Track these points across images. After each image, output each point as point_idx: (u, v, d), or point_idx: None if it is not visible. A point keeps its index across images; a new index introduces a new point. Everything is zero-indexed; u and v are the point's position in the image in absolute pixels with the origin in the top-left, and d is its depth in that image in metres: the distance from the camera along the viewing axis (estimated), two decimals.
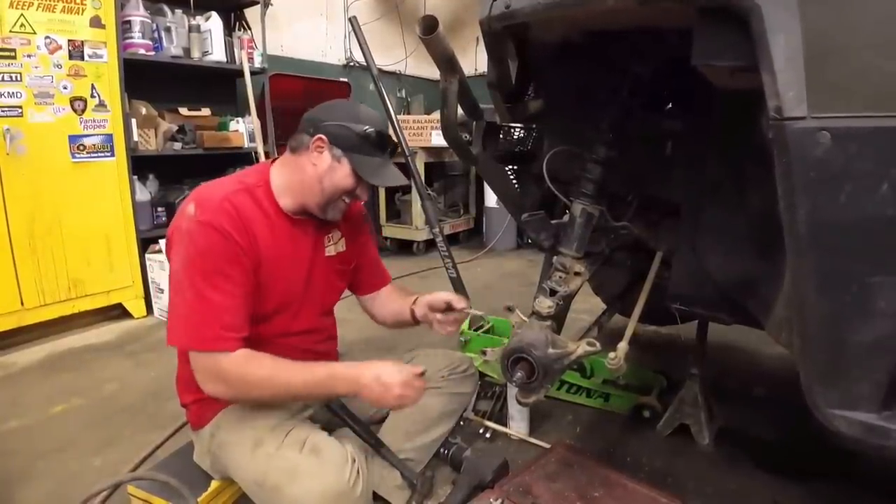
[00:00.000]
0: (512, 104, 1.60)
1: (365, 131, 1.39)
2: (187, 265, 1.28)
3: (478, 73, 5.28)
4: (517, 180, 1.95)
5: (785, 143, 0.87)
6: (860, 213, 0.86)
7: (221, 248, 1.29)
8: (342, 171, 1.40)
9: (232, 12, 4.00)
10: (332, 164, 1.40)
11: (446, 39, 1.26)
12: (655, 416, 2.02)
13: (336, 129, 1.39)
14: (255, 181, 1.43)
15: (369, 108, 1.49)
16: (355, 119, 1.40)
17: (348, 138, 1.39)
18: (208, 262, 1.28)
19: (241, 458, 1.36)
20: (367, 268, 1.74)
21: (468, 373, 1.75)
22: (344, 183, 1.41)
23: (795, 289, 0.98)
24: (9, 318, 2.76)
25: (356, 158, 1.39)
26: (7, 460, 1.85)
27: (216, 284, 1.28)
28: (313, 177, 1.40)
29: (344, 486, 1.27)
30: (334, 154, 1.39)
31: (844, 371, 0.96)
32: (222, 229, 1.29)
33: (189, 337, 1.29)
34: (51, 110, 2.79)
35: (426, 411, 1.62)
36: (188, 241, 1.29)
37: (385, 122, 1.50)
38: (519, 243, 5.28)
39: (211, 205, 1.31)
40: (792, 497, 1.66)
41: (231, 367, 1.28)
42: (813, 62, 0.85)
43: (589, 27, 1.43)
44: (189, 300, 1.28)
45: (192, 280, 1.27)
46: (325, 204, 1.44)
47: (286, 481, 1.26)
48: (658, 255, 1.71)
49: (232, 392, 1.32)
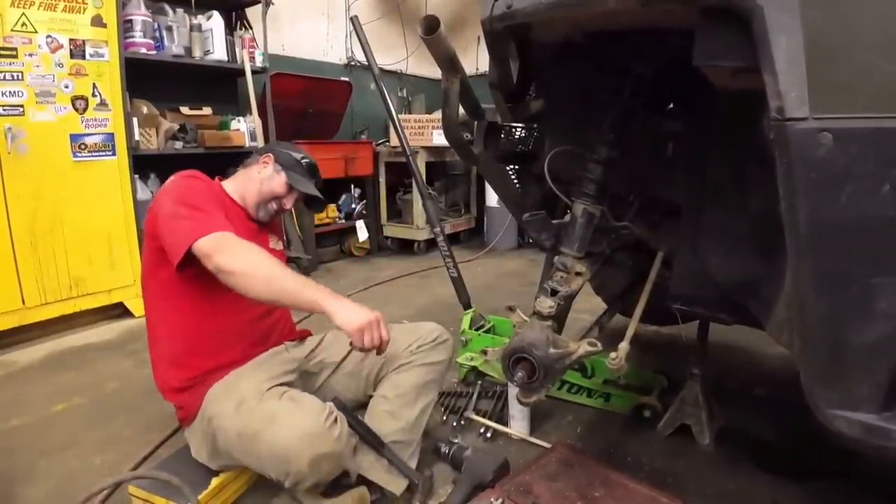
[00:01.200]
0: (513, 104, 1.60)
1: (301, 159, 1.77)
2: (175, 199, 1.47)
3: (479, 72, 5.27)
4: (518, 180, 1.95)
5: (786, 144, 0.87)
6: (861, 214, 0.86)
7: (203, 189, 1.56)
8: (279, 180, 1.72)
9: (233, 11, 4.01)
10: (272, 174, 1.72)
11: (448, 39, 1.26)
12: (656, 417, 2.02)
13: (280, 153, 1.76)
14: (216, 183, 1.72)
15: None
16: (294, 152, 1.79)
17: (288, 160, 1.76)
18: (195, 193, 1.51)
19: (226, 419, 1.42)
20: None
21: (439, 341, 1.73)
22: (278, 189, 1.72)
23: (796, 289, 0.98)
24: (10, 317, 2.76)
25: (291, 174, 1.73)
26: (9, 459, 1.86)
27: (203, 207, 1.48)
28: (256, 180, 1.72)
29: (320, 428, 1.32)
30: (276, 168, 1.73)
31: (845, 372, 0.95)
32: (201, 177, 1.62)
33: (191, 235, 1.40)
34: (52, 109, 2.80)
35: (400, 387, 1.66)
36: (174, 188, 1.52)
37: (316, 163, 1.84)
38: (520, 243, 5.28)
39: (189, 172, 1.60)
40: (792, 497, 1.66)
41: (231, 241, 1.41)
42: (814, 63, 0.85)
43: (590, 27, 1.43)
44: (185, 217, 1.43)
45: (184, 204, 1.46)
46: (259, 203, 1.72)
47: (264, 426, 1.33)
48: (659, 256, 1.71)
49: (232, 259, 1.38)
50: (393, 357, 1.68)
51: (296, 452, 1.30)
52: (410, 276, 4.31)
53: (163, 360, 1.61)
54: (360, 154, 4.78)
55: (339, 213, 4.92)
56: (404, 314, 1.91)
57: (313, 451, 1.30)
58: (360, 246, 5.05)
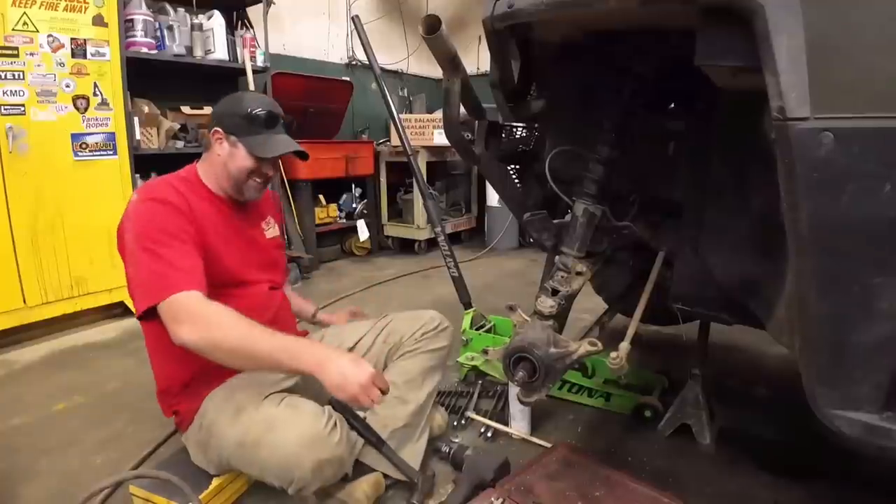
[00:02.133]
0: (514, 103, 1.60)
1: (249, 113, 1.52)
2: (136, 237, 1.35)
3: (480, 72, 5.27)
4: (519, 180, 1.95)
5: (788, 144, 0.87)
6: (863, 214, 0.86)
7: (165, 216, 1.38)
8: (240, 154, 1.52)
9: (234, 11, 4.00)
10: (231, 151, 1.53)
11: (449, 39, 1.26)
12: (657, 416, 2.01)
13: (226, 119, 1.54)
14: (186, 176, 1.57)
15: (257, 94, 1.73)
16: (239, 106, 1.54)
17: (237, 124, 1.52)
18: (156, 228, 1.36)
19: (225, 428, 1.40)
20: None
21: (440, 328, 1.80)
22: (245, 164, 1.53)
23: (797, 289, 0.98)
24: (11, 316, 2.77)
25: (248, 141, 1.52)
26: (10, 457, 1.86)
27: (167, 244, 1.34)
28: (220, 164, 1.54)
29: (320, 432, 1.31)
30: (230, 141, 1.53)
31: (846, 372, 0.96)
32: (163, 200, 1.40)
33: (149, 292, 1.30)
34: (53, 109, 2.80)
35: (406, 374, 1.70)
36: (134, 218, 1.38)
37: (272, 102, 1.60)
38: (521, 243, 5.28)
39: (153, 187, 1.47)
40: (793, 497, 1.66)
41: (194, 307, 1.28)
42: (816, 63, 0.85)
43: (591, 27, 1.43)
44: (143, 262, 1.32)
45: (143, 245, 1.33)
46: (238, 185, 1.56)
47: (263, 432, 1.32)
48: (660, 255, 1.71)
49: (197, 332, 1.26)
50: (398, 345, 1.75)
51: (297, 458, 1.29)
52: (411, 275, 4.31)
53: (161, 359, 1.59)
54: (361, 153, 4.78)
55: (339, 213, 4.92)
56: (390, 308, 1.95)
57: (315, 457, 1.29)
58: (361, 245, 5.05)
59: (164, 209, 1.39)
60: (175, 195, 1.43)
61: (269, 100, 1.62)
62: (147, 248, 1.32)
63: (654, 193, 1.66)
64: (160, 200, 1.39)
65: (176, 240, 1.35)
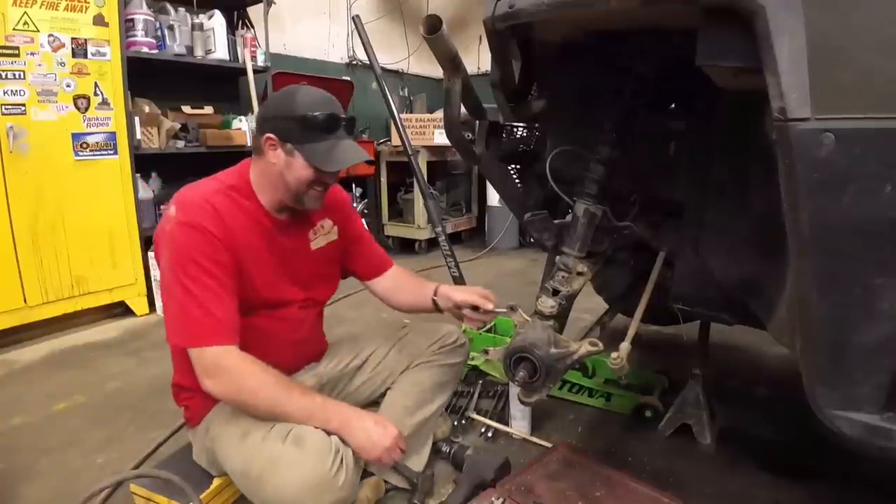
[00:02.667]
0: (515, 103, 1.60)
1: (304, 117, 1.37)
2: (173, 265, 1.32)
3: (481, 71, 5.27)
4: (520, 180, 1.95)
5: (788, 145, 0.87)
6: (863, 215, 0.86)
7: (202, 246, 1.32)
8: (298, 164, 1.39)
9: (235, 11, 4.00)
10: (287, 160, 1.40)
11: (450, 39, 1.26)
12: (657, 416, 2.01)
13: (279, 123, 1.38)
14: (236, 181, 1.46)
15: (312, 89, 1.45)
16: (292, 107, 1.38)
17: (291, 130, 1.37)
18: (192, 260, 1.31)
19: (229, 449, 1.38)
20: (363, 254, 1.76)
21: (458, 343, 1.77)
22: (304, 175, 1.40)
23: (798, 290, 0.98)
24: (12, 316, 2.77)
25: (306, 149, 1.38)
26: (10, 457, 1.86)
27: (201, 280, 1.30)
28: (277, 174, 1.42)
29: (325, 476, 1.27)
30: (286, 149, 1.39)
31: (846, 372, 0.96)
32: (201, 227, 1.32)
33: (182, 335, 1.32)
34: (54, 108, 2.80)
35: (421, 385, 1.68)
36: (170, 242, 1.33)
37: (329, 99, 1.43)
38: (521, 243, 5.28)
39: (192, 206, 1.35)
40: (793, 498, 1.66)
41: (225, 364, 1.30)
42: (817, 63, 0.85)
43: (592, 27, 1.43)
44: (178, 299, 1.31)
45: (179, 279, 1.30)
46: (298, 196, 1.44)
47: (268, 471, 1.28)
48: (661, 255, 1.71)
49: (226, 390, 1.32)
50: (415, 355, 1.73)
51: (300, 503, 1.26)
52: None
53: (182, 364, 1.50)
54: None
55: None
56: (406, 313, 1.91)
57: (319, 502, 1.27)
58: None
59: (201, 238, 1.32)
60: (212, 219, 1.34)
61: (327, 96, 1.44)
62: (182, 283, 1.30)
63: (654, 193, 1.66)
64: (197, 227, 1.32)
65: (212, 278, 1.32)
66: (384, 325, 1.86)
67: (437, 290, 1.70)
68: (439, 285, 1.71)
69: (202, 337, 1.30)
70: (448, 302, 1.67)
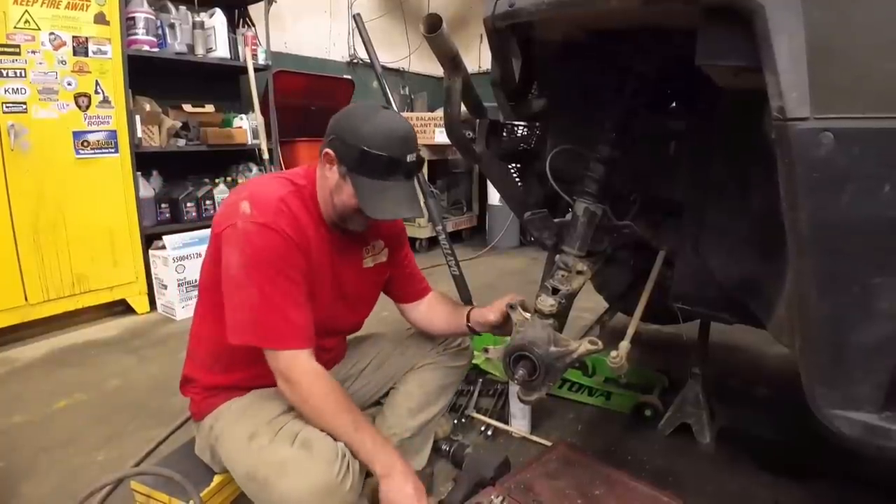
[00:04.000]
0: (515, 102, 1.60)
1: (364, 151, 1.27)
2: (248, 265, 1.26)
3: (481, 70, 5.27)
4: (520, 178, 1.95)
5: (788, 144, 0.87)
6: (862, 214, 0.86)
7: (282, 251, 1.27)
8: (347, 191, 1.32)
9: (236, 9, 4.01)
10: (338, 182, 1.33)
11: (450, 37, 1.25)
12: (657, 416, 2.02)
13: (343, 144, 1.30)
14: (305, 184, 1.40)
15: (391, 116, 1.34)
16: (358, 134, 1.29)
17: (351, 157, 1.29)
18: (270, 263, 1.26)
19: (235, 450, 1.36)
20: (405, 279, 1.71)
21: (462, 346, 1.76)
22: (350, 202, 1.33)
23: (797, 289, 0.98)
24: (13, 314, 2.77)
25: (358, 180, 1.30)
26: (11, 455, 1.86)
27: (279, 285, 1.27)
28: (327, 190, 1.36)
29: (332, 482, 1.25)
30: (340, 171, 1.32)
31: (846, 372, 0.96)
32: (282, 231, 1.27)
33: (260, 336, 1.29)
34: (55, 106, 2.80)
35: (425, 386, 1.67)
36: (246, 241, 1.26)
37: (402, 137, 1.31)
38: (522, 241, 5.28)
39: (268, 206, 1.29)
40: (793, 497, 1.66)
41: (297, 373, 1.29)
42: (816, 63, 0.85)
43: (593, 26, 1.43)
44: (255, 300, 1.27)
45: (255, 280, 1.26)
46: (342, 217, 1.38)
47: (275, 476, 1.26)
48: (661, 255, 1.71)
49: (291, 398, 1.32)
50: (419, 357, 1.71)
51: None
52: None
53: (199, 357, 1.51)
54: None
55: None
56: None
57: None
58: None
59: (280, 242, 1.27)
60: (290, 223, 1.29)
61: (401, 133, 1.32)
62: (258, 285, 1.26)
63: (654, 193, 1.66)
64: (276, 230, 1.26)
65: (290, 281, 1.29)
66: (386, 326, 1.85)
67: (470, 315, 1.64)
68: (471, 309, 1.65)
69: (277, 339, 1.28)
70: (484, 326, 1.61)
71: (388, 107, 1.38)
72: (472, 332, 1.66)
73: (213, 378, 1.47)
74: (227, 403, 1.45)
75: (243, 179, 3.93)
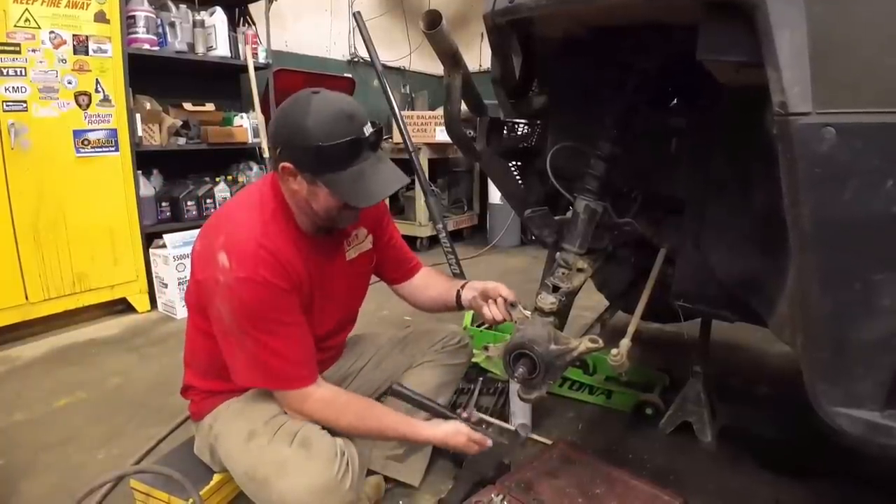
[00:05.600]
0: (516, 100, 1.60)
1: (319, 148, 1.17)
2: (238, 319, 1.25)
3: (482, 69, 5.26)
4: (521, 176, 1.94)
5: (790, 139, 0.86)
6: (865, 210, 0.85)
7: (270, 300, 1.24)
8: (322, 194, 1.25)
9: (236, 7, 4.00)
10: (310, 189, 1.25)
11: (450, 34, 1.25)
12: (658, 414, 2.01)
13: (293, 153, 1.22)
14: (276, 205, 1.33)
15: (324, 101, 1.21)
16: (304, 135, 1.18)
17: (310, 159, 1.20)
18: (259, 315, 1.24)
19: (234, 449, 1.36)
20: (393, 261, 1.69)
21: (461, 343, 1.77)
22: (331, 204, 1.26)
23: (799, 286, 0.97)
24: (13, 312, 2.77)
25: (329, 179, 1.21)
26: (11, 453, 1.86)
27: (274, 331, 1.27)
28: (303, 200, 1.29)
29: (331, 481, 1.25)
30: (307, 179, 1.23)
31: (848, 369, 0.95)
32: (266, 282, 1.22)
33: (268, 380, 1.34)
34: (55, 105, 2.80)
35: (424, 385, 1.66)
36: (230, 296, 1.23)
37: (347, 114, 1.21)
38: (523, 240, 5.27)
39: (246, 256, 1.23)
40: (794, 496, 1.65)
41: (308, 408, 1.34)
42: (818, 58, 0.84)
43: (593, 22, 1.42)
44: (250, 350, 1.28)
45: (248, 333, 1.26)
46: (330, 219, 1.33)
47: (274, 475, 1.26)
48: (662, 252, 1.71)
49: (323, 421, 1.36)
50: (418, 355, 1.72)
51: None
52: None
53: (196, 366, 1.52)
54: None
55: None
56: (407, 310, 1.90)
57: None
58: None
59: (269, 293, 1.23)
60: (274, 268, 1.24)
61: (344, 110, 1.22)
62: (253, 337, 1.25)
63: (655, 190, 1.65)
64: (262, 283, 1.21)
65: (285, 326, 1.28)
66: (386, 325, 1.85)
67: (465, 285, 1.63)
68: (467, 281, 1.65)
69: (284, 382, 1.32)
70: (472, 292, 1.59)
71: (316, 90, 1.25)
72: (457, 303, 1.64)
73: (212, 384, 1.48)
74: (225, 403, 1.45)
75: (244, 178, 3.93)
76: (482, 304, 1.56)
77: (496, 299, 1.54)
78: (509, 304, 1.49)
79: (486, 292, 1.56)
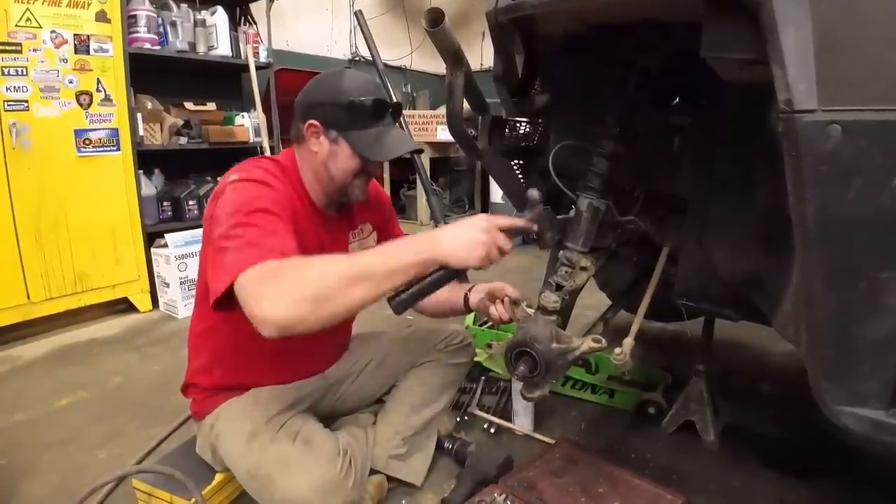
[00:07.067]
0: (518, 98, 1.59)
1: (351, 103, 1.29)
2: (237, 212, 1.13)
3: (484, 68, 5.26)
4: (523, 175, 1.94)
5: (795, 137, 0.86)
6: (870, 208, 0.85)
7: (265, 196, 1.19)
8: (343, 154, 1.33)
9: (237, 7, 4.00)
10: (331, 149, 1.33)
11: (452, 32, 1.25)
12: (660, 413, 2.01)
13: (323, 109, 1.32)
14: (288, 164, 1.38)
15: (357, 72, 1.38)
16: (338, 92, 1.31)
17: (337, 117, 1.31)
18: (253, 205, 1.15)
19: (236, 448, 1.36)
20: None
21: (464, 343, 1.76)
22: (349, 165, 1.34)
23: (804, 284, 0.97)
24: (15, 312, 2.77)
25: (352, 136, 1.31)
26: (13, 453, 1.86)
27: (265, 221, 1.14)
28: (320, 165, 1.35)
29: (334, 478, 1.26)
30: (330, 137, 1.32)
31: (853, 367, 0.95)
32: (264, 181, 1.23)
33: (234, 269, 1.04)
34: (56, 104, 2.80)
35: (426, 384, 1.67)
36: (229, 196, 1.18)
37: (376, 83, 1.38)
38: (524, 239, 5.26)
39: (254, 170, 1.26)
40: (798, 495, 1.65)
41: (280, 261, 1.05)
42: (823, 55, 0.84)
43: (596, 20, 1.42)
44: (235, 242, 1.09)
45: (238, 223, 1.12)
46: (342, 188, 1.38)
47: (277, 473, 1.26)
48: (664, 251, 1.70)
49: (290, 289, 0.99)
50: (420, 354, 1.71)
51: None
52: None
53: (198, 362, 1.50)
54: None
55: None
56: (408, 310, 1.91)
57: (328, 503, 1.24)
58: None
59: (264, 189, 1.20)
60: (274, 180, 1.25)
61: (372, 81, 1.38)
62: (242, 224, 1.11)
63: (658, 188, 1.65)
64: (259, 181, 1.21)
65: (272, 215, 1.15)
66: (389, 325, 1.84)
67: (473, 287, 1.60)
68: (474, 284, 1.61)
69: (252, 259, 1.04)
70: (480, 293, 1.55)
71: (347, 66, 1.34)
72: (465, 308, 1.60)
73: (214, 381, 1.47)
74: (227, 403, 1.45)
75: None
76: (489, 305, 1.55)
77: (502, 299, 1.53)
78: (512, 301, 1.48)
79: (492, 293, 1.55)
